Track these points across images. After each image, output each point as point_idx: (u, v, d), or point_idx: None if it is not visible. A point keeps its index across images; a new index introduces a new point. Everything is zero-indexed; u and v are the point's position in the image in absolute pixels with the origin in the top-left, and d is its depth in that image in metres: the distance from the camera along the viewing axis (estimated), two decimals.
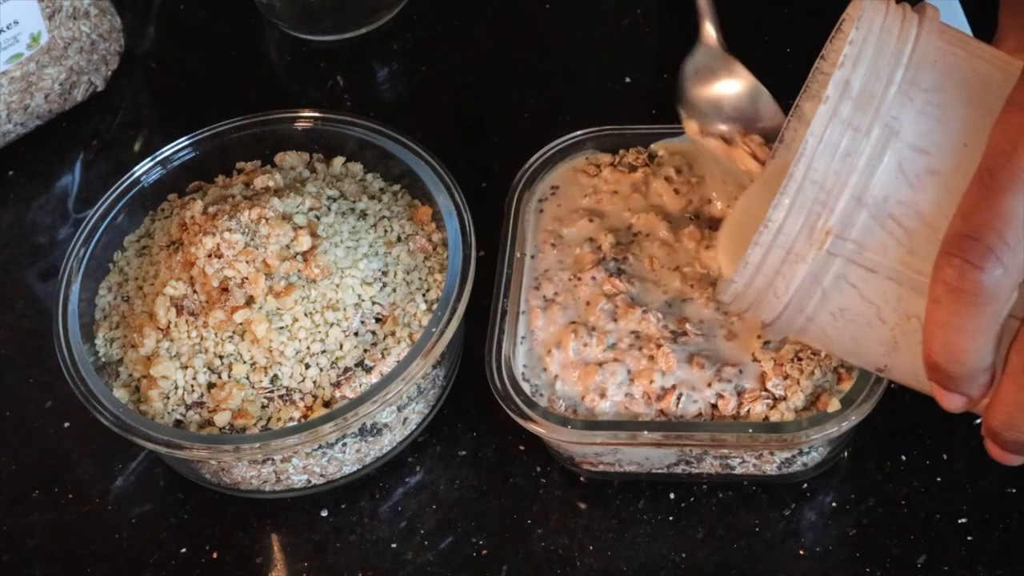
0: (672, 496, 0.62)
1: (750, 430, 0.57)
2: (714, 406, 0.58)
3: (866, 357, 0.51)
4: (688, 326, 0.60)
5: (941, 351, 0.45)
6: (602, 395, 0.59)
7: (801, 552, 0.60)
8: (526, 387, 0.60)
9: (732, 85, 0.61)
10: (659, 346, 0.59)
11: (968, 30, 0.79)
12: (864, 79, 0.47)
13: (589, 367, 0.60)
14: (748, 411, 0.58)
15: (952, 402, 0.47)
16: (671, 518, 0.62)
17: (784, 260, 0.48)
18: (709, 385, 0.58)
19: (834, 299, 0.48)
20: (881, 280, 0.47)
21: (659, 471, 0.62)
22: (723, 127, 0.60)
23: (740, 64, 0.61)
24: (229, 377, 0.61)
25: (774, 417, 0.58)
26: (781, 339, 0.59)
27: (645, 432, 0.57)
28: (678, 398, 0.58)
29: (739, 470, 0.61)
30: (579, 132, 0.68)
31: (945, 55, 0.48)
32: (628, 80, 0.79)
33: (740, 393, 0.58)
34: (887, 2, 0.49)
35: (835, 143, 0.46)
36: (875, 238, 0.47)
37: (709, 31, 0.61)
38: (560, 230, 0.65)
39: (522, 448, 0.65)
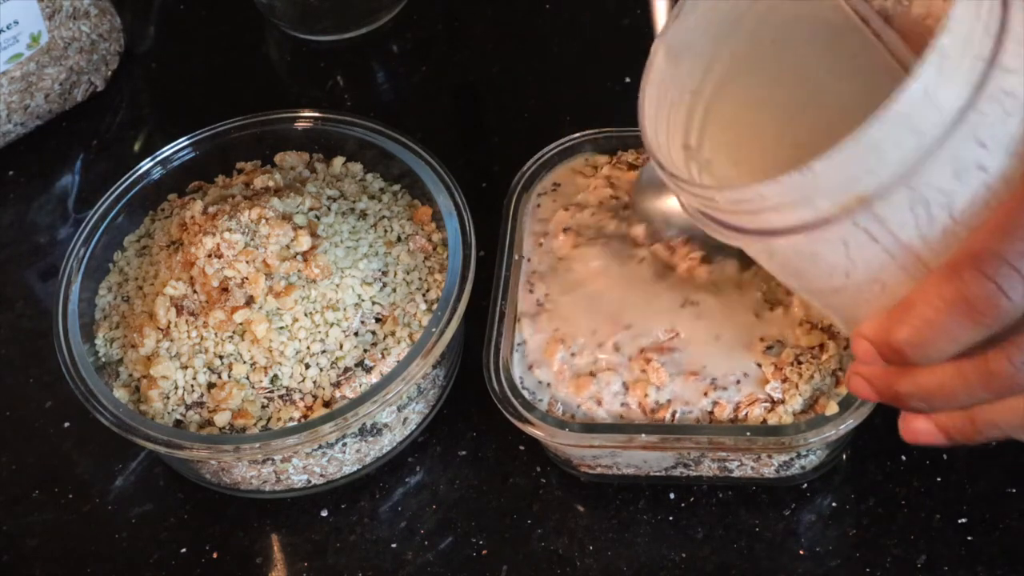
0: (672, 496, 0.62)
1: (748, 433, 0.57)
2: (711, 412, 0.58)
3: (806, 284, 0.48)
4: (678, 333, 0.60)
5: (910, 337, 0.44)
6: (599, 403, 0.59)
7: (801, 552, 0.60)
8: (524, 392, 0.60)
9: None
10: (648, 360, 0.59)
11: None
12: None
13: (583, 377, 0.59)
14: (746, 415, 0.58)
15: (871, 370, 0.47)
16: (671, 518, 0.62)
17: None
18: (705, 395, 0.58)
19: (817, 246, 0.45)
20: (878, 251, 0.45)
21: (657, 474, 0.62)
22: (669, 235, 0.62)
23: None
24: (229, 377, 0.61)
25: (772, 420, 0.57)
26: (778, 340, 0.59)
27: (643, 435, 0.57)
28: (672, 414, 0.58)
29: (737, 473, 0.61)
30: (577, 134, 0.67)
31: None
32: (628, 80, 0.79)
33: (737, 402, 0.58)
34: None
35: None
36: (899, 216, 0.44)
37: None
38: (547, 226, 0.65)
39: (522, 448, 0.65)
